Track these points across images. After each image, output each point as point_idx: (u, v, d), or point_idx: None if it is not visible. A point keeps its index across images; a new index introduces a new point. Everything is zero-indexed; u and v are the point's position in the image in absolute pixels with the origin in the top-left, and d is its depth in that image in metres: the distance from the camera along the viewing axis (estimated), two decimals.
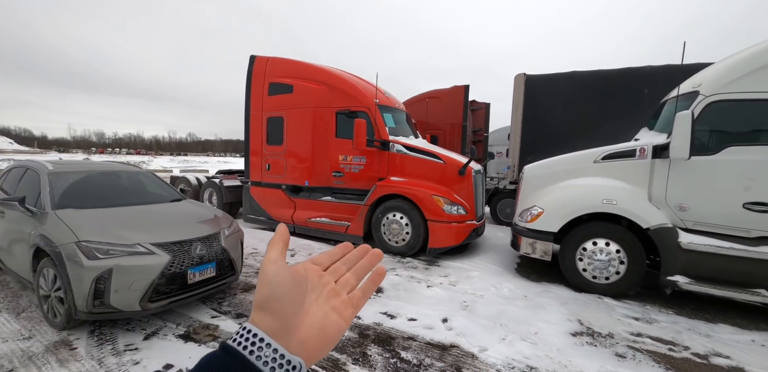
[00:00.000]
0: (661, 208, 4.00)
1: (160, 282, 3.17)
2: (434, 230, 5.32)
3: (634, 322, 3.57)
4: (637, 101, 6.55)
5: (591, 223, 4.30)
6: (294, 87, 6.65)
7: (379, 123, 5.99)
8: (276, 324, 0.39)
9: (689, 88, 4.04)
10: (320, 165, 6.49)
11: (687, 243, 3.83)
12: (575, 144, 5.33)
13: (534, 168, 4.99)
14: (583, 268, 4.30)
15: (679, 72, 5.88)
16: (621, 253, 4.12)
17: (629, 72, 6.87)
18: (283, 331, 0.39)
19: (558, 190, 4.57)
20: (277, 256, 0.43)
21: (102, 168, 4.56)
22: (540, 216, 4.51)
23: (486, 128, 10.70)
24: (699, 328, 3.52)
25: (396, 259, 5.45)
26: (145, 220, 3.64)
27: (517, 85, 7.73)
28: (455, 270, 4.99)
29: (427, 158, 5.74)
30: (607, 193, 4.16)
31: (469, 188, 5.61)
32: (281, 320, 0.40)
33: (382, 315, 3.53)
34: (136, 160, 47.85)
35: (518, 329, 3.29)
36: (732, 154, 3.71)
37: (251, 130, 7.34)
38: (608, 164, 4.32)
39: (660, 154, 3.96)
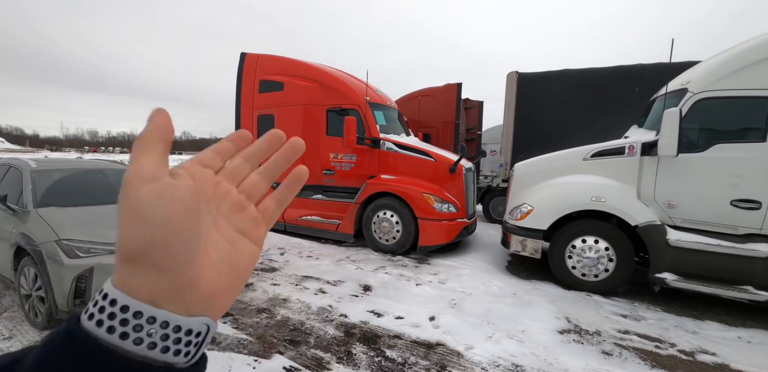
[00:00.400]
0: (650, 205, 4.00)
1: None
2: (424, 228, 5.30)
3: (621, 320, 3.57)
4: (628, 99, 6.55)
5: (580, 221, 4.30)
6: (285, 84, 6.60)
7: (370, 121, 5.95)
8: (162, 282, 0.25)
9: (678, 85, 4.04)
10: (311, 163, 6.43)
11: (675, 240, 3.83)
12: (567, 142, 5.33)
13: (524, 166, 4.98)
14: (573, 265, 4.30)
15: (669, 70, 5.89)
16: (610, 251, 4.12)
17: (620, 70, 6.88)
18: (176, 292, 0.26)
19: (548, 187, 4.56)
20: (154, 167, 0.26)
21: (87, 166, 4.49)
22: (530, 214, 4.50)
23: (479, 126, 10.70)
24: (686, 325, 3.53)
25: (387, 258, 5.42)
26: None
27: (510, 84, 7.72)
28: (445, 268, 4.97)
29: (418, 156, 5.71)
30: (596, 190, 4.15)
31: (459, 186, 5.59)
32: (170, 276, 0.26)
33: (369, 313, 3.50)
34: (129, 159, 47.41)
35: (506, 327, 3.28)
36: (720, 152, 3.71)
37: (242, 128, 7.25)
38: (597, 162, 4.31)
39: (649, 152, 3.96)
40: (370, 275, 4.56)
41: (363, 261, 5.22)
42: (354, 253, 5.62)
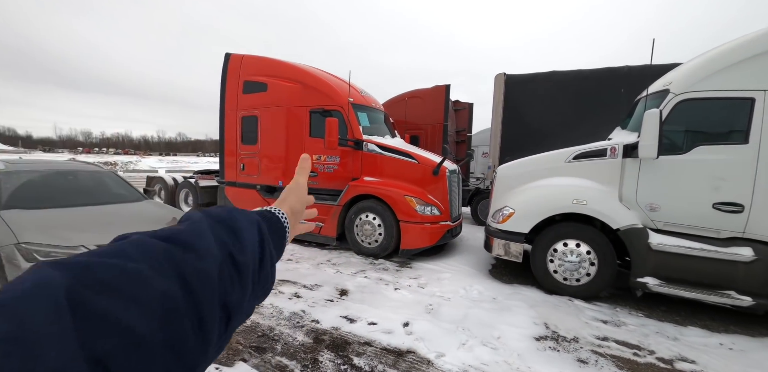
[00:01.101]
0: (632, 208, 3.92)
1: None
2: (407, 231, 5.20)
3: (601, 326, 3.48)
4: (615, 101, 6.51)
5: (562, 224, 4.22)
6: (268, 85, 6.50)
7: (353, 122, 5.86)
8: (292, 217, 0.64)
9: (660, 86, 3.98)
10: (294, 165, 6.24)
11: (657, 244, 3.76)
12: (554, 144, 5.26)
13: (507, 168, 4.90)
14: (554, 269, 4.21)
15: (656, 72, 5.86)
16: (591, 255, 4.04)
17: (607, 72, 6.84)
18: (293, 220, 0.65)
19: (529, 190, 4.48)
20: (305, 182, 0.73)
21: (59, 167, 4.36)
22: (511, 216, 4.42)
23: (469, 128, 10.64)
24: (667, 331, 3.45)
25: (368, 261, 5.31)
26: (96, 221, 3.46)
27: (498, 85, 7.66)
28: (427, 271, 4.87)
29: (401, 158, 5.62)
30: (578, 193, 4.08)
31: (443, 188, 5.50)
32: (295, 217, 0.66)
33: (342, 319, 3.39)
34: (123, 161, 47.04)
35: (481, 333, 3.18)
36: (702, 154, 3.65)
37: (226, 130, 7.17)
38: (579, 164, 4.24)
39: (630, 154, 3.89)
40: (349, 279, 4.45)
41: (343, 265, 5.11)
42: (335, 256, 5.51)
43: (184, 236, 0.40)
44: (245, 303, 0.44)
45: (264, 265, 0.48)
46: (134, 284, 0.31)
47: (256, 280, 0.46)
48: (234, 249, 0.43)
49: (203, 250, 0.40)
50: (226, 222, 0.46)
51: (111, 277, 0.30)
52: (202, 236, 0.41)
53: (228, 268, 0.41)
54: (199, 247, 0.40)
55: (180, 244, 0.38)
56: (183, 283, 0.35)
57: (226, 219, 0.47)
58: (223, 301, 0.39)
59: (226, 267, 0.41)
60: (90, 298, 0.28)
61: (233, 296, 0.41)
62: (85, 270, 0.30)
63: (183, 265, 0.36)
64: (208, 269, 0.38)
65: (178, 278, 0.35)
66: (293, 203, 0.66)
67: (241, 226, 0.47)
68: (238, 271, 0.43)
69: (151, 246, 0.36)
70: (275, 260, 0.53)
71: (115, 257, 0.33)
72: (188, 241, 0.39)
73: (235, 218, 0.48)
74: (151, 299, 0.32)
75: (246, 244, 0.46)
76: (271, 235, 0.52)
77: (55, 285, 0.27)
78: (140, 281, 0.32)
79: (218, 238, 0.43)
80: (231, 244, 0.44)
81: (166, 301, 0.33)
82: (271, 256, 0.50)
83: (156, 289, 0.33)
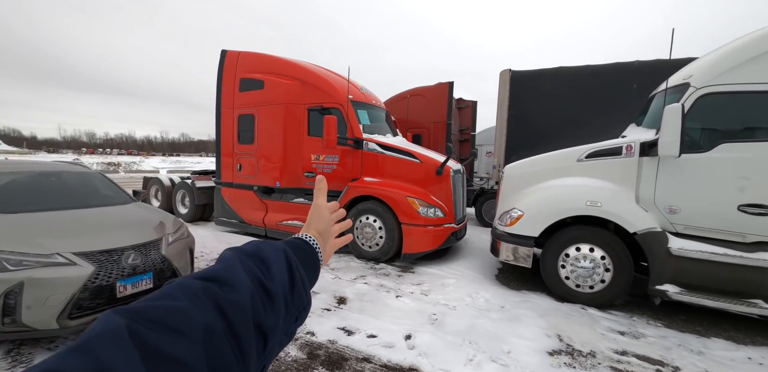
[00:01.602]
0: (650, 210, 3.67)
1: (82, 296, 2.79)
2: (409, 234, 4.96)
3: (619, 338, 3.23)
4: (626, 97, 6.24)
5: (574, 227, 3.97)
6: (265, 82, 6.27)
7: (353, 120, 5.63)
8: (321, 239, 0.68)
9: (679, 80, 3.72)
10: (292, 165, 6.11)
11: (677, 249, 3.50)
12: (562, 142, 5.01)
13: (514, 167, 4.64)
14: (566, 275, 3.96)
15: (669, 67, 5.58)
16: (606, 260, 3.79)
17: (617, 67, 6.58)
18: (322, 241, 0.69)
19: (539, 191, 4.23)
20: (325, 202, 0.75)
21: (41, 168, 4.14)
22: (520, 219, 4.17)
23: (473, 127, 10.38)
24: (690, 344, 3.19)
25: (369, 266, 5.08)
26: (76, 226, 3.24)
27: (503, 82, 7.41)
28: (430, 277, 4.63)
29: (403, 157, 5.38)
30: (591, 194, 3.83)
31: (447, 189, 5.26)
32: (324, 238, 0.70)
33: (339, 331, 3.16)
34: (127, 161, 47.03)
35: (489, 347, 2.93)
36: (725, 152, 3.38)
37: (222, 129, 6.95)
38: (592, 163, 3.99)
39: (648, 152, 3.63)
40: (348, 286, 4.22)
41: (343, 269, 4.87)
42: (334, 260, 5.28)
43: (218, 273, 0.47)
44: (281, 325, 0.49)
45: (296, 288, 0.53)
46: (179, 319, 0.38)
47: (290, 302, 0.52)
48: (264, 278, 0.50)
49: (235, 283, 0.46)
50: (255, 255, 0.53)
51: (160, 316, 0.37)
52: (233, 271, 0.48)
53: (260, 295, 0.47)
54: (232, 281, 0.46)
55: (216, 281, 0.45)
56: (221, 312, 0.41)
57: (255, 252, 0.53)
58: (257, 324, 0.45)
59: (258, 294, 0.47)
60: (146, 334, 0.34)
61: (267, 319, 0.46)
62: (139, 313, 0.37)
63: (219, 298, 0.43)
64: (241, 299, 0.44)
65: (217, 309, 0.41)
66: (318, 225, 0.71)
67: (269, 257, 0.53)
68: (269, 297, 0.48)
69: (192, 286, 0.43)
70: (308, 283, 0.58)
71: (162, 299, 0.40)
72: (222, 277, 0.46)
73: (262, 250, 0.54)
74: (195, 329, 0.38)
75: (274, 272, 0.52)
76: (301, 259, 0.59)
77: (118, 326, 0.34)
78: (184, 316, 0.38)
79: (248, 270, 0.49)
80: (261, 273, 0.50)
81: (207, 329, 0.39)
82: (302, 280, 0.55)
83: (198, 321, 0.39)
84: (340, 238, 0.78)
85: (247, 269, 0.49)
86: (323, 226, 0.71)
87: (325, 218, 0.72)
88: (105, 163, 41.82)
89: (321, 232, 0.70)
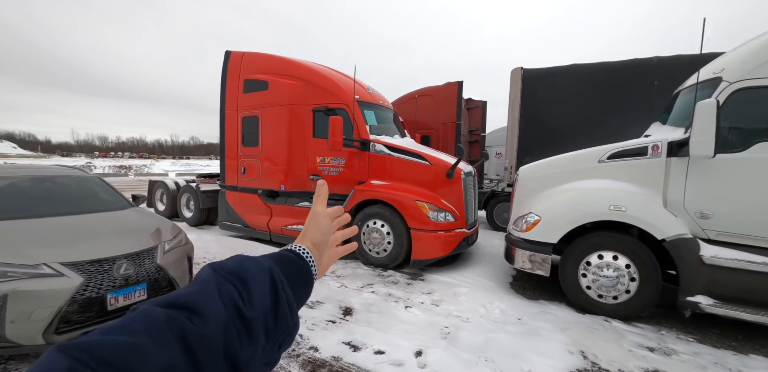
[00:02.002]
0: (679, 215, 3.39)
1: (69, 309, 2.62)
2: (418, 239, 4.73)
3: (648, 355, 2.95)
4: (645, 95, 5.95)
5: (596, 233, 3.70)
6: (269, 83, 6.12)
7: (359, 120, 5.43)
8: (316, 251, 0.63)
9: (709, 74, 3.44)
10: (297, 168, 5.93)
11: (710, 257, 3.22)
12: (577, 143, 4.77)
13: (530, 169, 4.39)
14: (587, 285, 3.69)
15: (692, 62, 5.30)
16: (631, 269, 3.52)
17: (635, 64, 6.29)
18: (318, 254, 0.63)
19: (557, 194, 3.97)
20: (324, 209, 0.70)
21: (35, 173, 3.99)
22: (537, 224, 3.91)
23: (483, 128, 10.13)
24: (727, 361, 2.91)
25: (376, 273, 4.85)
26: (65, 234, 3.07)
27: (514, 81, 7.16)
28: (441, 285, 4.39)
29: (412, 159, 5.16)
30: (615, 197, 3.56)
31: (458, 192, 5.02)
32: (320, 250, 0.64)
33: (345, 346, 2.94)
34: (138, 164, 47.57)
35: (507, 366, 2.69)
36: (763, 151, 3.10)
37: (226, 131, 6.81)
38: (615, 164, 3.72)
39: (677, 152, 3.36)
40: (354, 295, 4.00)
41: (349, 277, 4.66)
42: (341, 267, 5.06)
43: (189, 299, 0.41)
44: (258, 356, 0.44)
45: (280, 313, 0.49)
46: (133, 359, 0.33)
47: (272, 330, 0.47)
48: (242, 304, 0.44)
49: (207, 312, 0.41)
50: (236, 274, 0.47)
51: (111, 355, 0.32)
52: (207, 296, 0.43)
53: (236, 325, 0.42)
54: (203, 309, 0.41)
55: (185, 308, 0.40)
56: (186, 349, 0.37)
57: (235, 271, 0.48)
58: (231, 360, 0.40)
59: (234, 324, 0.42)
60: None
61: (243, 353, 0.42)
62: (86, 352, 0.32)
63: (186, 331, 0.38)
64: (211, 334, 0.39)
65: (181, 346, 0.36)
66: (314, 235, 0.66)
67: (251, 277, 0.48)
68: (247, 326, 0.43)
69: (155, 316, 0.38)
70: (296, 304, 0.52)
71: (117, 333, 0.35)
72: (193, 304, 0.41)
73: (245, 268, 0.49)
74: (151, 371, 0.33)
75: (256, 297, 0.46)
76: (290, 276, 0.54)
77: (57, 370, 0.30)
78: (140, 355, 0.33)
79: (226, 295, 0.44)
80: (239, 298, 0.45)
81: (167, 370, 0.34)
82: (288, 303, 0.50)
83: (156, 361, 0.34)
84: (342, 247, 0.74)
85: (224, 293, 0.44)
86: (320, 237, 0.66)
87: (322, 227, 0.67)
88: (116, 167, 42.32)
89: (317, 243, 0.65)
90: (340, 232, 0.73)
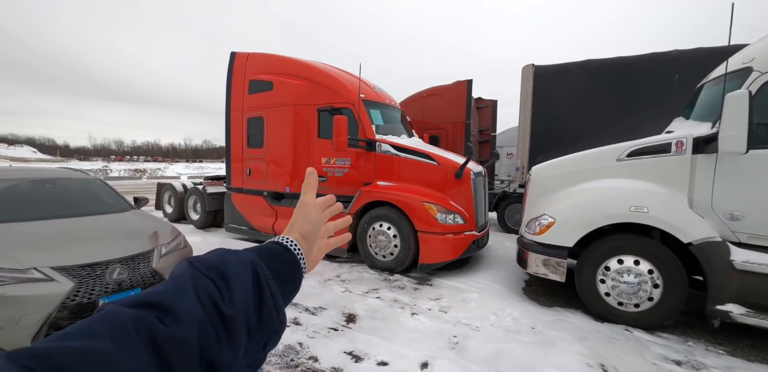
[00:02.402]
0: (707, 216, 3.14)
1: (60, 315, 2.53)
2: (426, 242, 4.55)
3: (676, 369, 2.71)
4: (664, 90, 5.67)
5: (615, 236, 3.47)
6: (274, 83, 6.02)
7: (364, 120, 5.28)
8: (305, 243, 0.59)
9: (738, 64, 3.19)
10: (302, 169, 5.79)
11: (742, 262, 2.97)
12: (592, 141, 4.55)
13: (543, 169, 4.18)
14: (606, 291, 3.46)
15: (713, 55, 5.02)
16: (654, 274, 3.27)
17: (653, 58, 6.01)
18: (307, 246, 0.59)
19: (573, 195, 3.75)
20: (313, 199, 0.64)
21: (36, 175, 3.94)
22: (551, 227, 3.70)
23: (494, 127, 9.89)
24: None
25: (382, 277, 4.68)
26: (59, 238, 2.98)
27: (525, 78, 6.93)
28: (450, 290, 4.19)
29: (419, 159, 4.98)
30: (636, 198, 3.33)
31: (467, 193, 4.82)
32: (309, 242, 0.60)
33: (346, 356, 2.77)
34: (152, 167, 48.31)
35: None
36: None
37: (232, 133, 6.75)
38: (636, 162, 3.49)
39: (704, 148, 3.12)
40: (359, 300, 3.83)
41: (354, 281, 4.50)
42: (346, 271, 4.91)
43: (161, 297, 0.38)
44: (240, 357, 0.40)
45: (264, 310, 0.45)
46: (95, 367, 0.29)
47: (255, 329, 0.43)
48: (221, 301, 0.41)
49: (181, 312, 0.37)
50: (215, 269, 0.44)
51: (67, 364, 0.29)
52: (181, 294, 0.39)
53: (214, 325, 0.39)
54: (177, 308, 0.37)
55: (156, 307, 0.37)
56: (156, 353, 0.34)
57: (215, 265, 0.44)
58: (208, 362, 0.37)
59: (211, 324, 0.39)
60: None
61: (222, 355, 0.38)
62: (39, 359, 0.28)
63: (157, 333, 0.34)
64: (184, 335, 0.36)
65: (151, 350, 0.33)
66: (302, 226, 0.62)
67: (232, 271, 0.44)
68: (227, 325, 0.40)
69: (121, 317, 0.34)
70: (281, 300, 0.48)
71: (78, 338, 0.31)
72: (165, 303, 0.38)
73: (225, 262, 0.45)
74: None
75: (237, 293, 0.43)
76: (276, 270, 0.50)
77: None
78: (102, 363, 0.30)
79: (203, 292, 0.40)
80: (218, 295, 0.41)
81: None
82: (273, 298, 0.46)
83: (122, 368, 0.30)
84: (334, 239, 0.69)
85: (200, 290, 0.40)
86: (309, 227, 0.62)
87: (311, 218, 0.63)
88: (132, 170, 43.08)
89: (305, 235, 0.61)
90: (332, 222, 0.68)
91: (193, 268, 0.43)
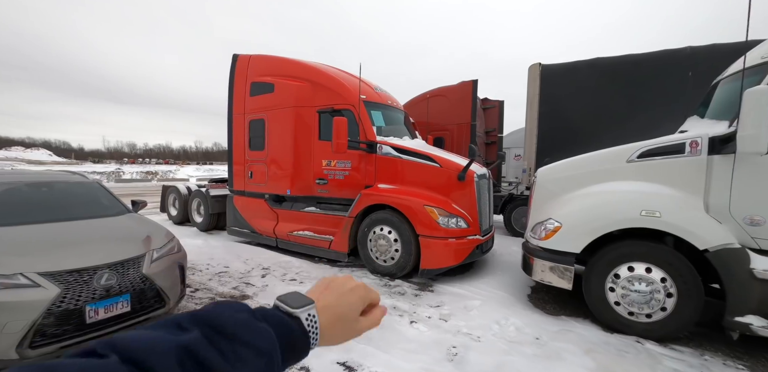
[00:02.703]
0: (724, 221, 2.95)
1: (45, 322, 2.45)
2: (427, 247, 4.41)
3: None
4: (677, 88, 5.47)
5: (625, 242, 3.29)
6: (275, 85, 5.96)
7: (365, 121, 5.17)
8: (324, 315, 0.55)
9: (757, 59, 3.00)
10: (303, 171, 5.72)
11: (763, 270, 2.77)
12: (601, 141, 4.37)
13: (549, 171, 4.01)
14: (616, 300, 3.28)
15: (728, 52, 4.80)
16: (668, 283, 3.08)
17: (665, 55, 5.80)
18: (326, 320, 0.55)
19: (580, 198, 3.58)
20: (366, 290, 0.64)
21: (32, 178, 3.90)
22: (557, 231, 3.53)
23: (500, 128, 9.70)
24: None
25: (383, 282, 4.55)
26: (47, 242, 2.91)
27: (532, 77, 6.77)
28: (451, 297, 4.04)
29: (421, 161, 4.85)
30: (648, 201, 3.15)
31: (470, 196, 4.67)
32: (328, 317, 0.56)
33: (339, 367, 2.65)
34: (164, 170, 48.87)
35: None
36: None
37: (234, 135, 6.70)
38: (647, 164, 3.31)
39: (720, 149, 2.93)
40: None
41: None
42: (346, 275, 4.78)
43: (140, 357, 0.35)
44: None
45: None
46: None
47: None
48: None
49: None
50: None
51: None
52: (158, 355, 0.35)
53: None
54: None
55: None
56: None
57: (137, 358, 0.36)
58: None
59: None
60: None
61: None
62: None
63: None
64: None
65: None
66: (336, 305, 0.58)
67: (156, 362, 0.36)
68: None
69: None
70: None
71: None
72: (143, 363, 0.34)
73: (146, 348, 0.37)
74: None
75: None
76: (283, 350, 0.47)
77: None
78: None
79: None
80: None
81: None
82: None
83: None
84: (368, 321, 0.62)
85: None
86: (341, 309, 0.58)
87: (353, 304, 0.60)
88: (143, 172, 43.67)
89: (330, 307, 0.56)
90: (366, 319, 0.62)
91: (185, 346, 0.38)
